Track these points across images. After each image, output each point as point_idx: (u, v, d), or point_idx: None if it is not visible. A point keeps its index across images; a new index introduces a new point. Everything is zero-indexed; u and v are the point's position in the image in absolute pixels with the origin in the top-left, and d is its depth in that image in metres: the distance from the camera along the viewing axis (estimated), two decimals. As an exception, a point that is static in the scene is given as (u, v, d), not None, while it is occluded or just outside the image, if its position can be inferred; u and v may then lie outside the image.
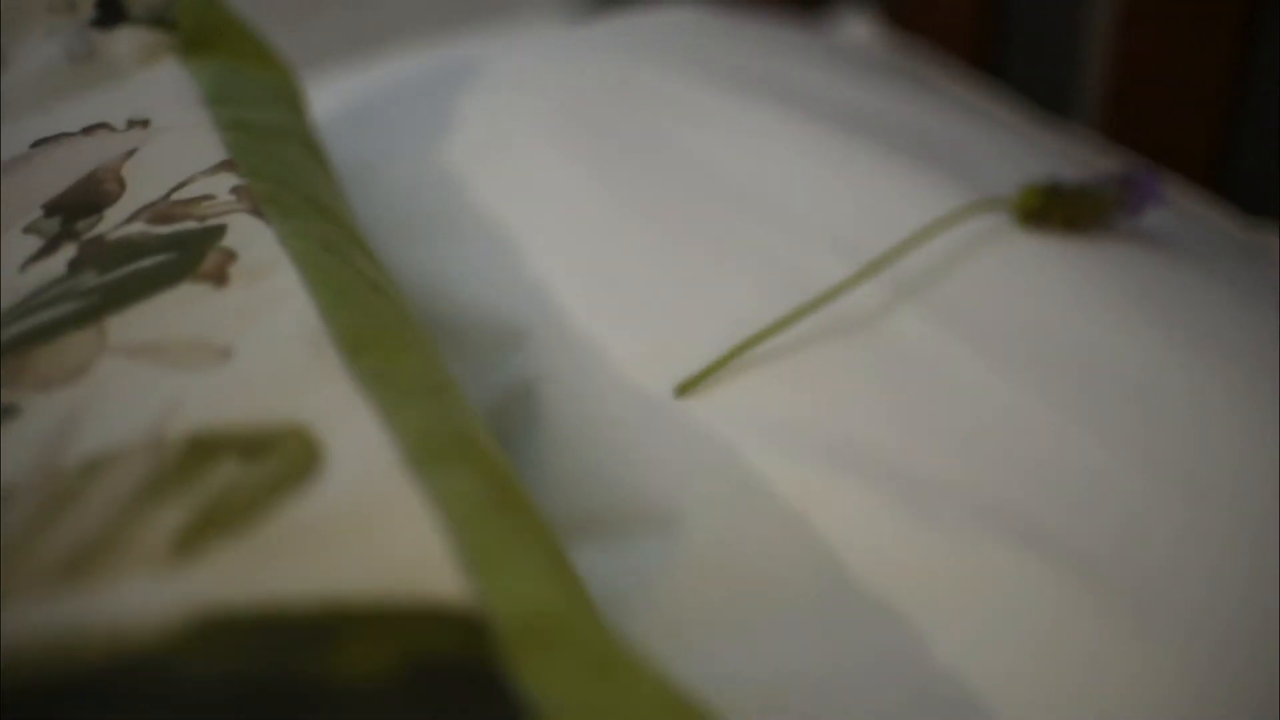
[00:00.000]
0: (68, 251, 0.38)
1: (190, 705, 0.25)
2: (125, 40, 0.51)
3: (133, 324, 0.35)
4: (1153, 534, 0.40)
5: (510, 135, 0.58)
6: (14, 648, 0.27)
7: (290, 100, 0.52)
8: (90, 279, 0.37)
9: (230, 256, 0.37)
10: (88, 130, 0.44)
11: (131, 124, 0.44)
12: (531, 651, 0.26)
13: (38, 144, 0.44)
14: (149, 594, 0.28)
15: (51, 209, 0.40)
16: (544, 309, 0.49)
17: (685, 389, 0.45)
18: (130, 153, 0.42)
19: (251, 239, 0.37)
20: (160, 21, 0.51)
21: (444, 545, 0.28)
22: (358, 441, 0.30)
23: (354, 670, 0.26)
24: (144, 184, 0.40)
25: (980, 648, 0.38)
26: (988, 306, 0.48)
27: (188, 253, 0.37)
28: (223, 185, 0.40)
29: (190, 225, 0.38)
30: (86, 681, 0.26)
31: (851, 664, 0.38)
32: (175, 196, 0.40)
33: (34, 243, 0.39)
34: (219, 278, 0.36)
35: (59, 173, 0.42)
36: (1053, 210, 0.51)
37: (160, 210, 0.39)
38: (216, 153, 0.42)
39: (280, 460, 0.30)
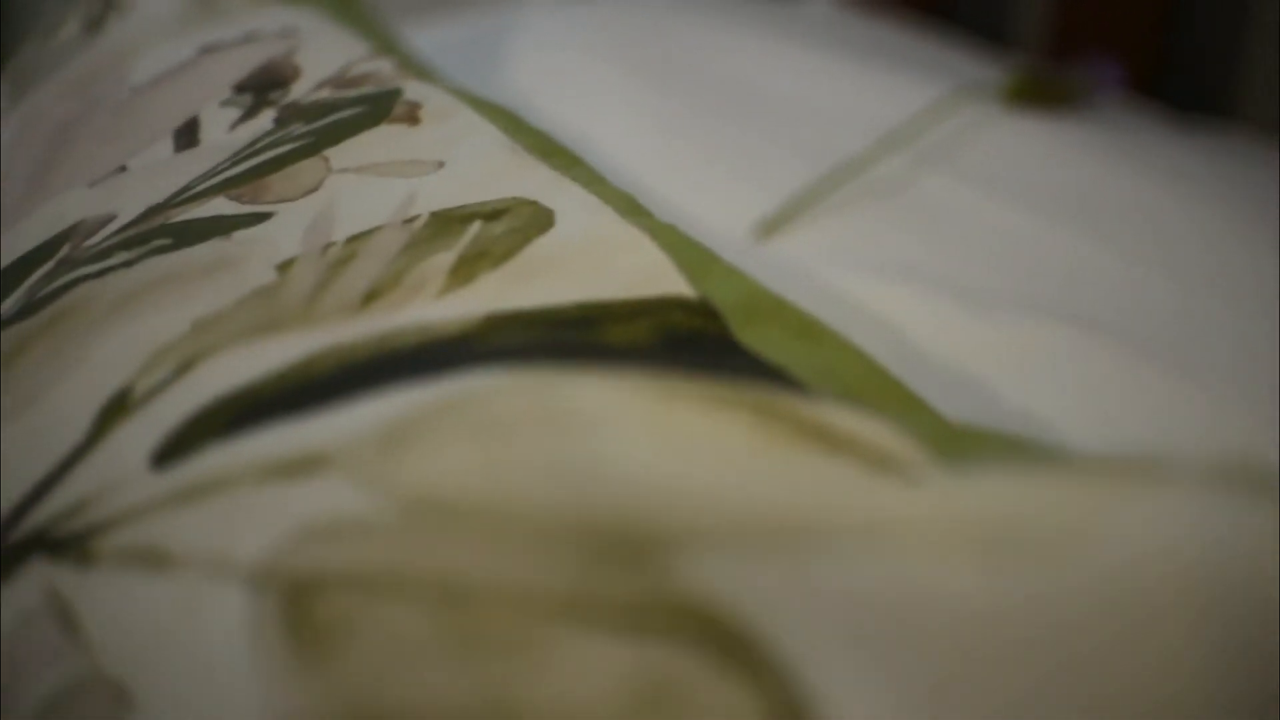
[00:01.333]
0: (269, 114, 0.45)
1: (493, 356, 0.32)
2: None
3: (349, 152, 0.42)
4: (1180, 319, 0.49)
5: (573, 64, 0.66)
6: (324, 348, 0.34)
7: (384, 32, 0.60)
8: (298, 128, 0.44)
9: (415, 105, 0.44)
10: (245, 37, 0.51)
11: (284, 33, 0.51)
12: (753, 324, 0.34)
13: (204, 50, 0.51)
14: (441, 307, 0.35)
15: (241, 88, 0.47)
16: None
17: (763, 232, 0.53)
18: (292, 50, 0.49)
19: (427, 94, 0.45)
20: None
21: (668, 260, 0.36)
22: (576, 203, 0.38)
23: (620, 339, 0.33)
24: (315, 67, 0.48)
25: (1040, 394, 0.46)
26: (1000, 165, 0.57)
27: (377, 104, 0.44)
28: (384, 65, 0.48)
29: (370, 88, 0.46)
30: (408, 356, 0.33)
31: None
32: (348, 74, 0.47)
33: (234, 112, 0.46)
34: (411, 119, 0.43)
35: (234, 66, 0.49)
36: (1036, 92, 0.60)
37: (339, 81, 0.46)
38: (366, 47, 0.50)
39: (517, 219, 0.38)
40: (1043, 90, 0.59)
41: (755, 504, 0.26)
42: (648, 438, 0.28)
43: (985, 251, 0.52)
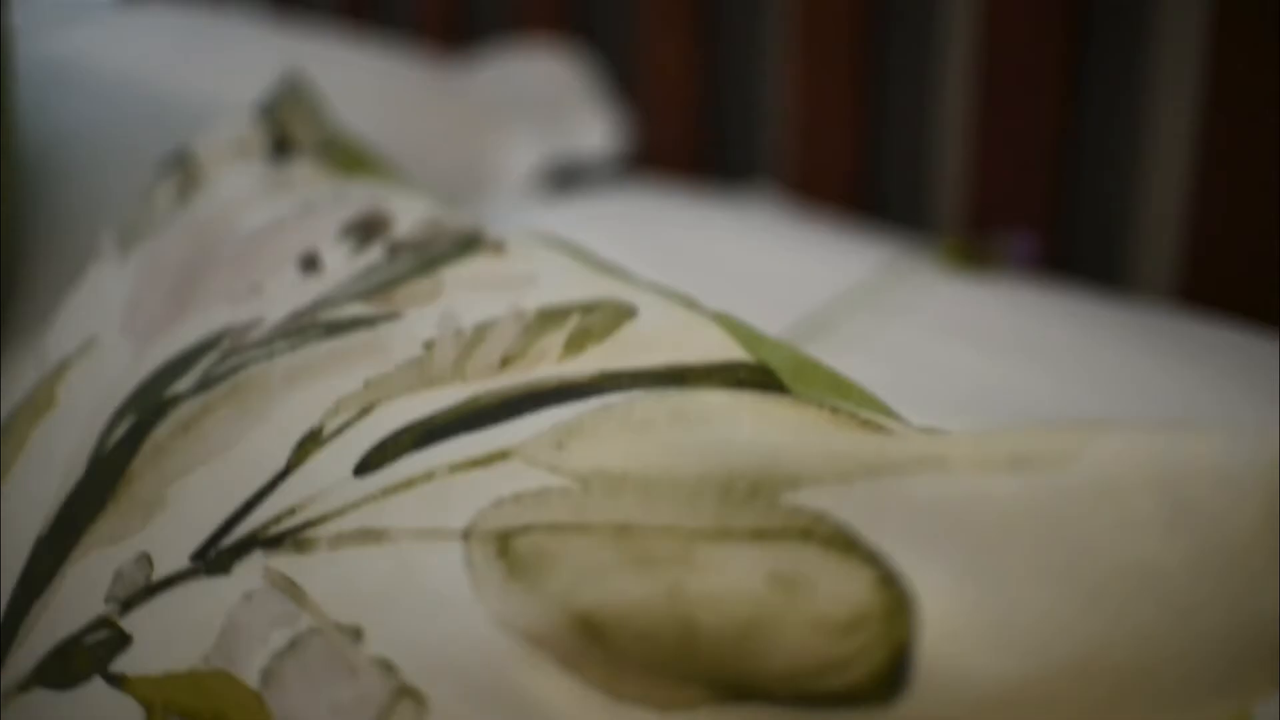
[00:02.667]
0: (378, 248, 0.57)
1: (619, 389, 0.43)
2: (299, 168, 0.70)
3: (457, 273, 0.53)
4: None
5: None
6: (483, 392, 0.45)
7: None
8: (409, 257, 0.55)
9: (499, 243, 0.56)
10: (336, 197, 0.63)
11: (366, 195, 0.63)
12: (799, 380, 0.46)
13: (305, 205, 0.62)
14: (563, 368, 0.46)
15: (348, 230, 0.58)
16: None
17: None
18: (379, 203, 0.61)
19: (504, 234, 0.57)
20: (322, 155, 0.71)
21: (729, 337, 0.47)
22: (650, 299, 0.50)
23: (704, 387, 0.45)
24: (405, 215, 0.59)
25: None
26: (947, 314, 0.70)
27: (468, 241, 0.56)
28: (457, 215, 0.60)
29: (454, 231, 0.57)
30: (551, 392, 0.44)
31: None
32: (433, 221, 0.59)
33: (348, 246, 0.57)
34: (498, 251, 0.55)
35: (336, 215, 0.60)
36: (965, 257, 0.74)
37: (429, 225, 0.58)
38: (431, 202, 0.62)
39: (607, 311, 0.49)
40: (970, 256, 0.73)
41: (835, 454, 0.37)
42: (753, 422, 0.39)
43: (946, 376, 0.65)
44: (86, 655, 0.44)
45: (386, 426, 0.44)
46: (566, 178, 1.08)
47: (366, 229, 0.58)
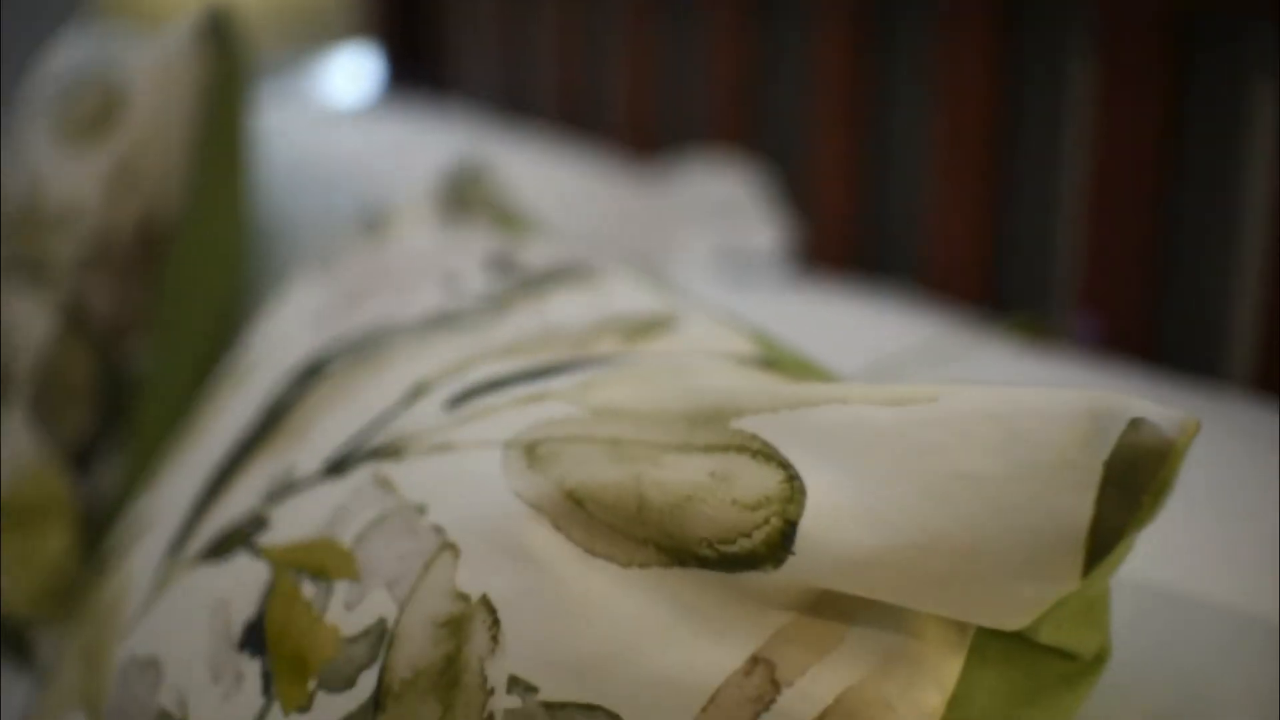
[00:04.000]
0: (516, 275, 0.71)
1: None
2: (467, 228, 0.85)
3: (558, 289, 0.67)
4: None
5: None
6: (547, 360, 0.58)
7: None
8: (528, 280, 0.69)
9: (593, 270, 0.69)
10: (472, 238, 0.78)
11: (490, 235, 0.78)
12: (772, 362, 0.58)
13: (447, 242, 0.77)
14: (610, 349, 0.59)
15: (487, 264, 0.73)
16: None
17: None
18: (507, 244, 0.76)
19: (597, 264, 0.70)
20: (490, 217, 0.86)
21: (746, 340, 0.60)
22: (700, 318, 0.62)
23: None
24: (528, 254, 0.74)
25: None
26: (988, 370, 0.80)
27: (577, 271, 0.70)
28: (570, 248, 0.74)
29: (564, 264, 0.71)
30: (593, 360, 0.57)
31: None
32: (553, 256, 0.73)
33: (489, 274, 0.72)
34: (590, 276, 0.69)
35: (478, 252, 0.75)
36: (1030, 331, 0.84)
37: (548, 263, 0.72)
38: (546, 240, 0.76)
39: (661, 319, 0.62)
40: (1037, 330, 0.83)
41: (772, 394, 0.49)
42: (723, 376, 0.52)
43: None
44: (239, 535, 0.59)
45: (474, 379, 0.58)
46: (740, 271, 1.22)
47: (501, 261, 0.73)
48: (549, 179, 1.23)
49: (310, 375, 0.65)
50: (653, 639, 0.46)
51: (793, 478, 0.46)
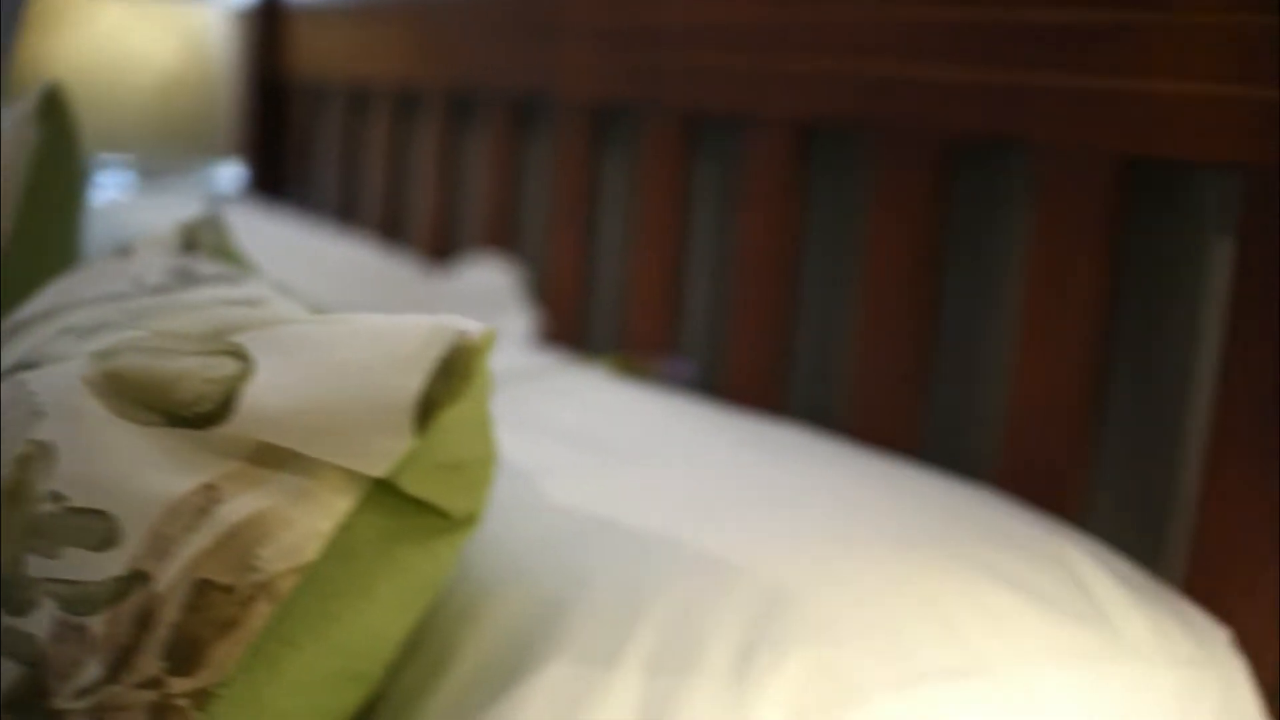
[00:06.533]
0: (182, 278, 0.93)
1: None
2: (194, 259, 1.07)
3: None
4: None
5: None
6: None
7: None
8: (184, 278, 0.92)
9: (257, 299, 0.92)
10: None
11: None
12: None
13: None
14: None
15: (170, 271, 0.95)
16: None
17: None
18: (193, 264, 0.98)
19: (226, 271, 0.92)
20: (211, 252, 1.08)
21: (276, 298, 0.81)
22: (274, 299, 0.84)
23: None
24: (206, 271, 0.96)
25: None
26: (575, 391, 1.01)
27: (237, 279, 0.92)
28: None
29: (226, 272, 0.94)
30: None
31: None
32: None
33: (169, 279, 0.94)
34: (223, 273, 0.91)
35: (166, 265, 0.97)
36: (628, 369, 1.05)
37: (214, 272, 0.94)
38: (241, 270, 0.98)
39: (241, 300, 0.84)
40: (630, 369, 1.05)
41: (263, 319, 0.71)
42: (239, 311, 0.74)
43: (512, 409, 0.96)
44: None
45: (101, 322, 0.80)
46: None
47: (182, 272, 0.95)
48: (347, 261, 1.46)
49: (13, 328, 0.87)
50: (146, 471, 0.67)
51: (248, 367, 0.68)
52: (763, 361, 1.08)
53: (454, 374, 0.64)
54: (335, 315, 0.71)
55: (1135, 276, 0.92)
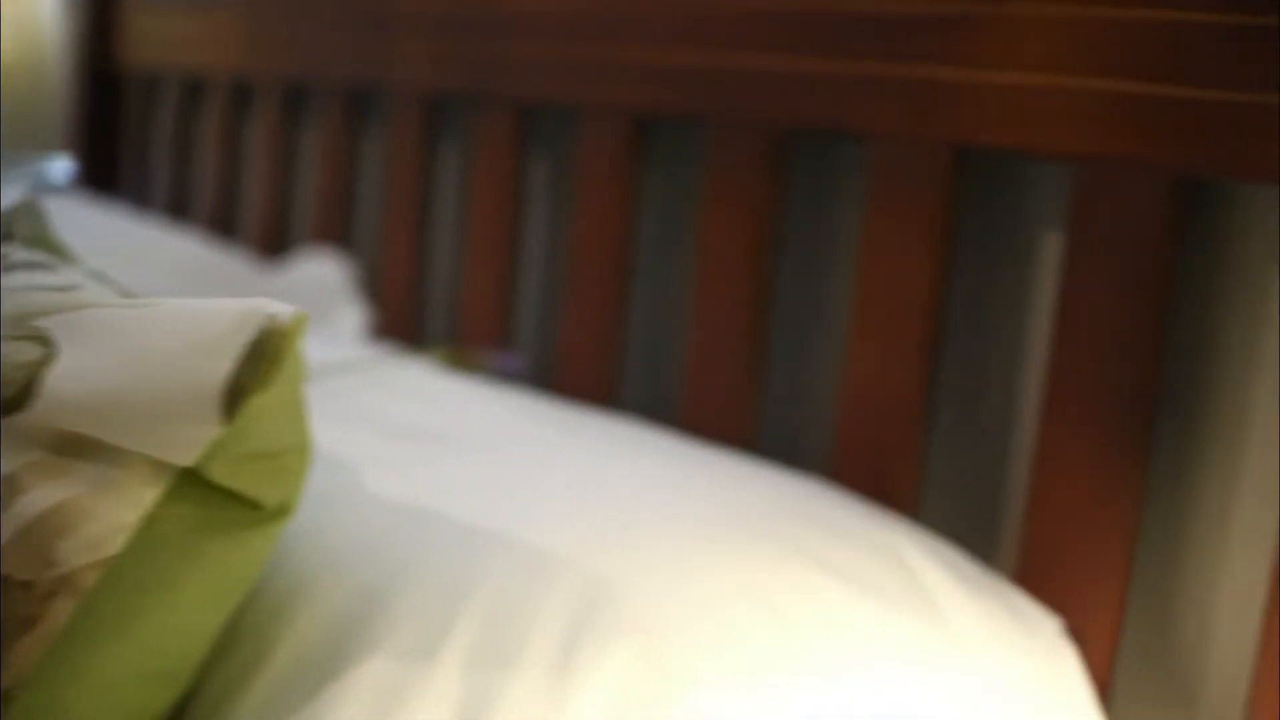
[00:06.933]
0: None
1: None
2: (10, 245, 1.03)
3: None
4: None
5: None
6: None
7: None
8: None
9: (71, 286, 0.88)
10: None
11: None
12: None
13: None
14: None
15: (-13, 257, 0.91)
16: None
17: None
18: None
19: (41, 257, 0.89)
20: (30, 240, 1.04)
21: (90, 284, 0.78)
22: (87, 284, 0.81)
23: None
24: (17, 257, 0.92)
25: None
26: (397, 383, 0.99)
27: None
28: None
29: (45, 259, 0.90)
30: None
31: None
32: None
33: (-22, 263, 0.90)
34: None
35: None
36: (457, 362, 1.04)
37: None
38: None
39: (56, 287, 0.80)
40: (459, 362, 1.03)
41: (76, 302, 0.68)
42: (44, 297, 0.70)
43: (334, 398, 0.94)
44: None
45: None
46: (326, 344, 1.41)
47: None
48: (176, 255, 1.42)
49: None
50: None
51: (51, 352, 0.64)
52: (596, 355, 1.07)
53: (263, 359, 0.62)
54: (144, 299, 0.68)
55: (967, 268, 0.93)
